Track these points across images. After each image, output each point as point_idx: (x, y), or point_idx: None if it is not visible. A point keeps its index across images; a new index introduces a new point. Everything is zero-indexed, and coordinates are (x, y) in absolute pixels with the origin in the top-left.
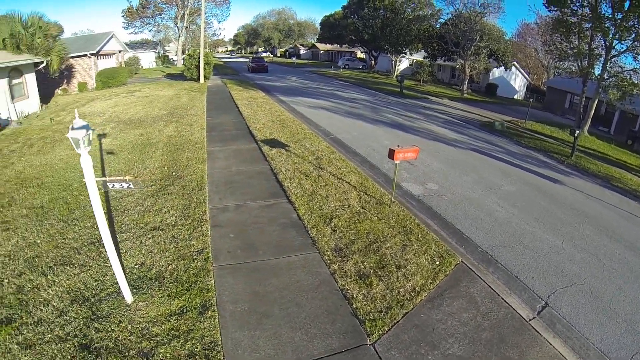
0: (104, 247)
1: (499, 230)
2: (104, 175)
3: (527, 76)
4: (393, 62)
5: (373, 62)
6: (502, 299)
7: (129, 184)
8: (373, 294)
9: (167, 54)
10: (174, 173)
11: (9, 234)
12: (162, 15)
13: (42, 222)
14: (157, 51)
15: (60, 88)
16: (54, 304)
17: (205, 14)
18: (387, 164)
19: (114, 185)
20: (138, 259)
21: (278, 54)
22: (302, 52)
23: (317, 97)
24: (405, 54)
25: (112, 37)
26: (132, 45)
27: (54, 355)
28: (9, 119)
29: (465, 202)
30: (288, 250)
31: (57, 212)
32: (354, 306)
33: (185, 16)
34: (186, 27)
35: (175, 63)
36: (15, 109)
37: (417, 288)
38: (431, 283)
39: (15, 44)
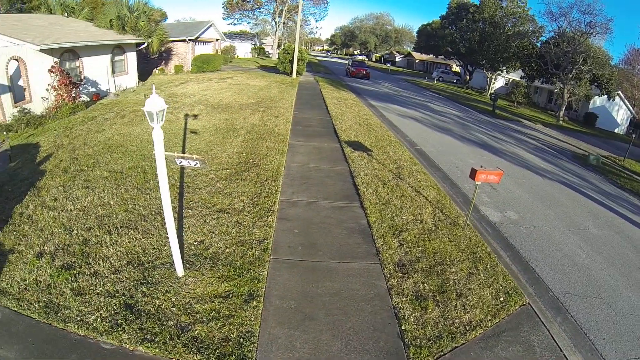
0: (164, 218)
1: (576, 276)
2: (183, 151)
3: (632, 109)
4: (488, 79)
5: (468, 77)
6: (565, 356)
7: (196, 163)
8: (426, 319)
9: (263, 46)
10: (251, 160)
11: (87, 191)
12: (261, 10)
13: (118, 186)
14: (253, 43)
15: (158, 68)
16: (112, 261)
17: (303, 11)
18: (468, 184)
19: (181, 161)
20: (198, 236)
21: (373, 59)
22: (397, 59)
23: (407, 106)
24: (502, 71)
25: (210, 25)
26: (230, 36)
27: (99, 306)
28: (108, 91)
29: (543, 239)
30: (350, 256)
31: (134, 179)
32: (403, 327)
33: (283, 12)
34: (283, 23)
35: (270, 56)
36: (114, 83)
37: (473, 322)
38: (490, 320)
39: (120, 25)
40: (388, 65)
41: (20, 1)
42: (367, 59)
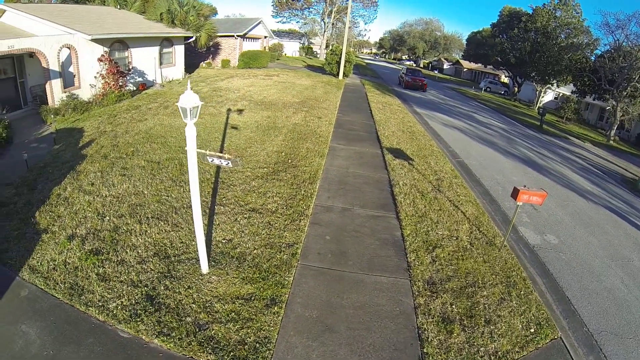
0: (192, 213)
1: (615, 312)
2: (222, 147)
3: None
4: (537, 92)
5: (516, 89)
6: None
7: (228, 162)
8: (450, 344)
9: (311, 46)
10: (289, 161)
11: (124, 179)
12: (310, 9)
13: (154, 176)
14: (301, 42)
15: (205, 62)
16: (139, 251)
17: (352, 13)
18: (509, 202)
19: (213, 159)
20: (227, 234)
21: (421, 65)
22: (445, 66)
23: (453, 115)
24: (552, 85)
25: (259, 23)
26: (279, 34)
27: (121, 294)
28: (154, 81)
29: (583, 268)
30: (379, 268)
31: (170, 171)
32: (425, 350)
33: (333, 13)
34: (332, 24)
35: (318, 56)
36: (161, 74)
37: (499, 353)
38: (517, 352)
39: (170, 18)
40: (436, 72)
41: None
42: (414, 65)
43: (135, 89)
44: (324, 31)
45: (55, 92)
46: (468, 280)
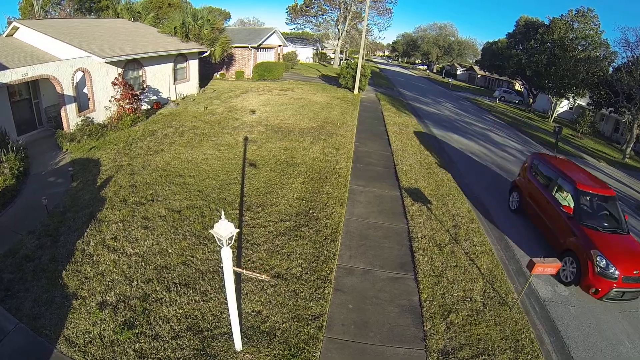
0: (226, 299)
1: None
2: (242, 192)
3: None
4: (552, 105)
5: (531, 99)
6: None
7: (263, 279)
8: None
9: (324, 51)
10: (311, 211)
11: (146, 233)
12: (324, 16)
13: (176, 230)
14: (315, 48)
15: (219, 73)
16: (172, 324)
17: (367, 21)
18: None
19: (247, 274)
20: (256, 305)
21: (434, 70)
22: (458, 72)
23: (468, 136)
24: (569, 98)
25: (274, 32)
26: (292, 39)
27: None
28: (169, 99)
29: (591, 321)
30: (397, 339)
31: (192, 223)
32: None
33: (347, 20)
34: (346, 31)
35: (332, 62)
36: (175, 90)
37: None
38: None
39: (184, 32)
40: (450, 80)
41: (90, 0)
42: (427, 70)
43: (149, 107)
44: (339, 38)
45: (70, 117)
46: (479, 347)
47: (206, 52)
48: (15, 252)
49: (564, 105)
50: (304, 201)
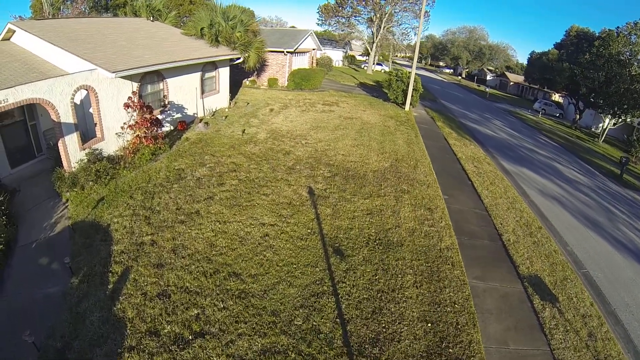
0: None
1: None
2: (335, 293)
3: None
4: (605, 125)
5: (578, 116)
6: None
7: None
8: None
9: (353, 53)
10: (443, 343)
11: None
12: (357, 18)
13: None
14: (344, 50)
15: (249, 79)
16: None
17: (402, 24)
18: None
19: None
20: None
21: (463, 75)
22: (488, 77)
23: (540, 171)
24: (626, 119)
25: (309, 35)
26: (321, 41)
27: None
28: (195, 115)
29: None
30: None
31: None
32: None
33: (383, 23)
34: (380, 34)
35: (363, 67)
36: (203, 105)
37: None
38: None
39: (213, 35)
40: (487, 90)
41: None
42: (453, 73)
43: (172, 128)
44: (373, 43)
45: (71, 151)
46: None
47: (239, 58)
48: None
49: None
50: (428, 324)
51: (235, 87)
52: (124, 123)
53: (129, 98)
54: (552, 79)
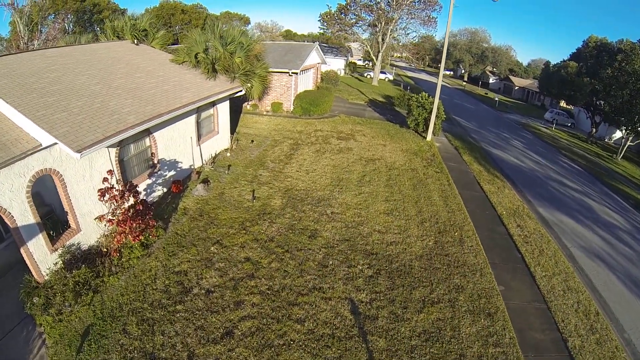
0: None
1: None
2: None
3: None
4: (623, 141)
5: (594, 129)
6: None
7: None
8: None
9: (353, 59)
10: None
11: None
12: (360, 25)
13: None
14: (346, 58)
15: (249, 103)
16: None
17: (410, 31)
18: None
19: None
20: None
21: (465, 78)
22: (490, 80)
23: (575, 215)
24: None
25: (313, 49)
26: (321, 49)
27: None
28: (192, 169)
29: None
30: None
31: None
32: None
33: (389, 30)
34: (382, 40)
35: (367, 75)
36: (200, 152)
37: None
38: None
39: (209, 63)
40: (496, 98)
41: (89, 12)
42: (456, 76)
43: (165, 190)
44: (379, 52)
45: (39, 257)
46: None
47: (241, 91)
48: None
49: (617, 133)
50: None
51: (235, 114)
52: (101, 215)
53: (105, 180)
54: (573, 96)
